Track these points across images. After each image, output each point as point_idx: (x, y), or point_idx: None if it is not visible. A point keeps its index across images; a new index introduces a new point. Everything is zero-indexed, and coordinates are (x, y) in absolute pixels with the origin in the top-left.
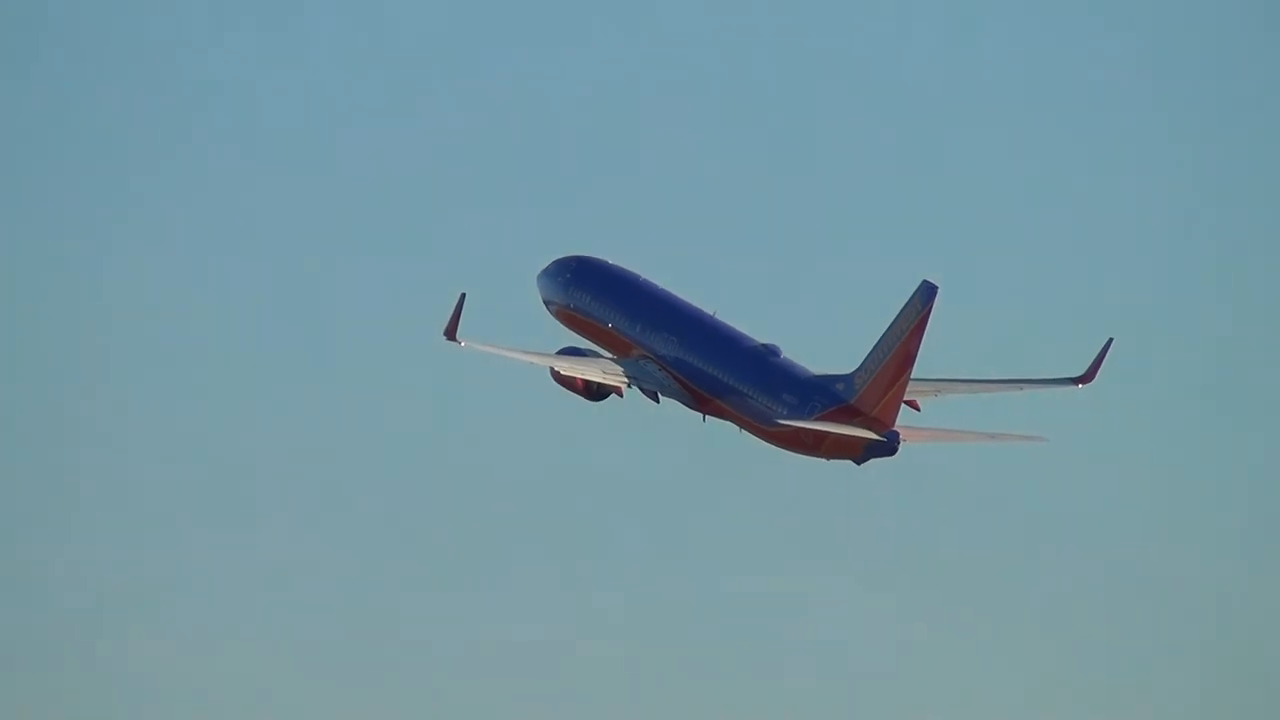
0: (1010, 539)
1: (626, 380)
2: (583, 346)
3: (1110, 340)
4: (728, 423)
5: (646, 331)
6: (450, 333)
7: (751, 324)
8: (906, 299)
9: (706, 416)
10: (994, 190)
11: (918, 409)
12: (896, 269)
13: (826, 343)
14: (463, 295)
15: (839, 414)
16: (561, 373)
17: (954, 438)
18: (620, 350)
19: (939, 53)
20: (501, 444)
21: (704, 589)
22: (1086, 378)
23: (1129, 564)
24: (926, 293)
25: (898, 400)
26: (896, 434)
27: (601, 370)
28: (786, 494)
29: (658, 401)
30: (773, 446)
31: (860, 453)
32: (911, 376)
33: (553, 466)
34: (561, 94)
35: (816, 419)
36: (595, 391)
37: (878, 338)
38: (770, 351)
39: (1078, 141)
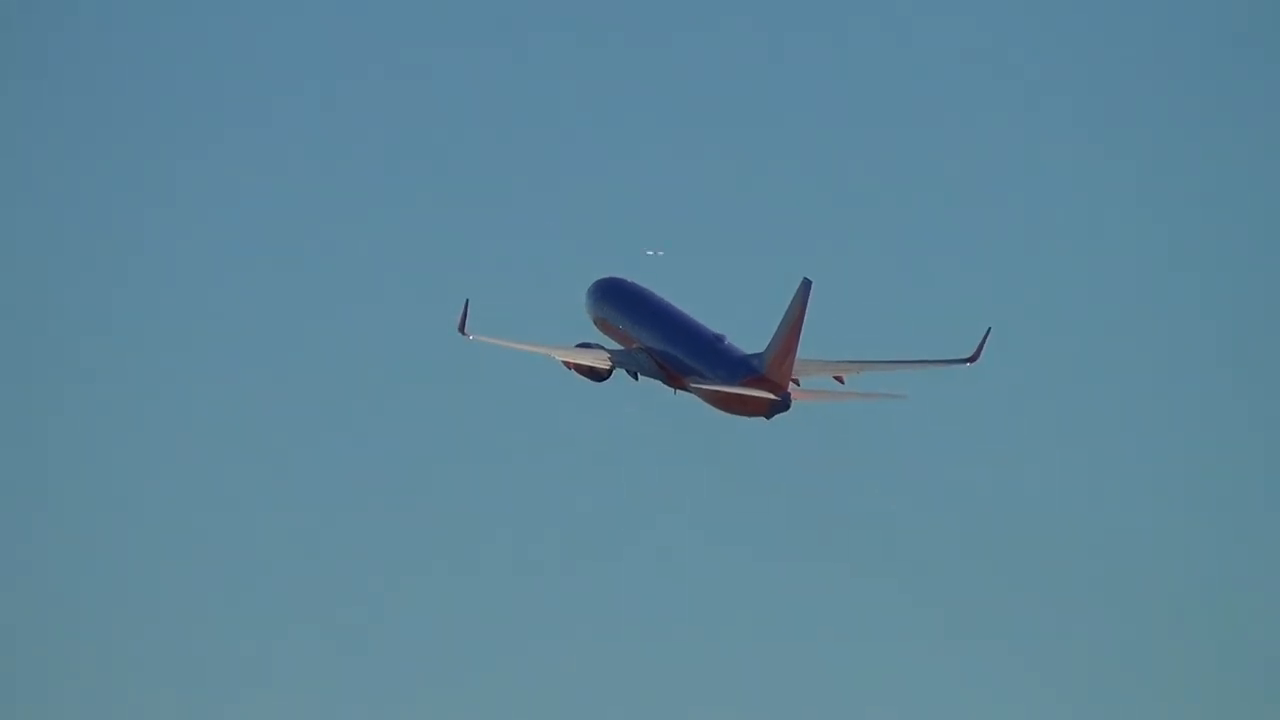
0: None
1: (610, 364)
2: (608, 344)
3: (990, 329)
4: (691, 395)
5: (640, 329)
6: (461, 329)
7: (712, 314)
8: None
9: (677, 391)
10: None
11: (842, 382)
12: (828, 263)
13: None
14: (467, 300)
15: (754, 382)
16: (559, 359)
17: (835, 397)
18: (627, 344)
19: (873, 51)
20: (510, 415)
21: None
22: (974, 358)
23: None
24: (805, 287)
25: (790, 369)
26: (789, 395)
27: (592, 357)
28: (719, 442)
29: (636, 379)
30: (719, 412)
31: (767, 410)
32: (839, 359)
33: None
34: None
35: (739, 386)
36: (598, 374)
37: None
38: (718, 339)
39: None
